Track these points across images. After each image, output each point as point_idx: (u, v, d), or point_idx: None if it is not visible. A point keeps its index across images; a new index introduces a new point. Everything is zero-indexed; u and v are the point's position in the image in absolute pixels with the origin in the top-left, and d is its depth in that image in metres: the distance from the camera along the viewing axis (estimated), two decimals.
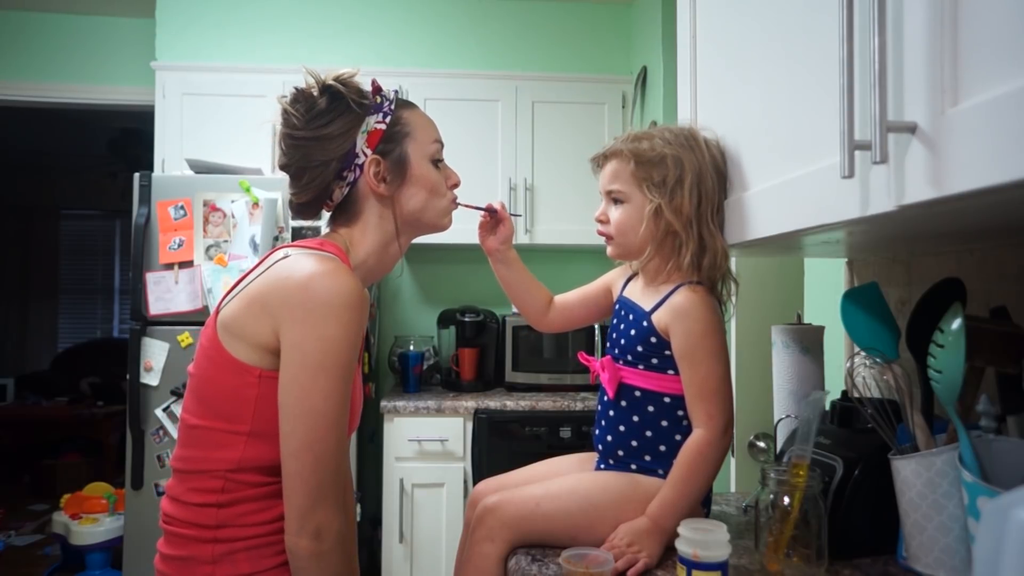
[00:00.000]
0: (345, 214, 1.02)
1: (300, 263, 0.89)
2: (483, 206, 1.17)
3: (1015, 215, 0.66)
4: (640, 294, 1.07)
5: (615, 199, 1.04)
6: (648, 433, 1.01)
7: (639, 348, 1.02)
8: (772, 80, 0.87)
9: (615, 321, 1.10)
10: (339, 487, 0.88)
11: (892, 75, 0.59)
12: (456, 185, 1.07)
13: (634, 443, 1.02)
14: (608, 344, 1.10)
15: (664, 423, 1.01)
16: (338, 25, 3.06)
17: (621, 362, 1.05)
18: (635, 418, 1.02)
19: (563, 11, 3.20)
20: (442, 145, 1.06)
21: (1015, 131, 0.47)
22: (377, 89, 1.02)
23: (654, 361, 1.01)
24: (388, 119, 1.00)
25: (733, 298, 1.06)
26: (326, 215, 1.07)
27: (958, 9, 0.54)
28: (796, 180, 0.78)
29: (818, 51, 0.75)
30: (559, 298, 1.23)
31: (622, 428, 1.04)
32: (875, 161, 0.58)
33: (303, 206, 1.03)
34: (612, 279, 1.19)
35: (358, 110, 0.98)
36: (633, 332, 1.03)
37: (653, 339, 1.01)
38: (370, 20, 3.08)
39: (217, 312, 0.94)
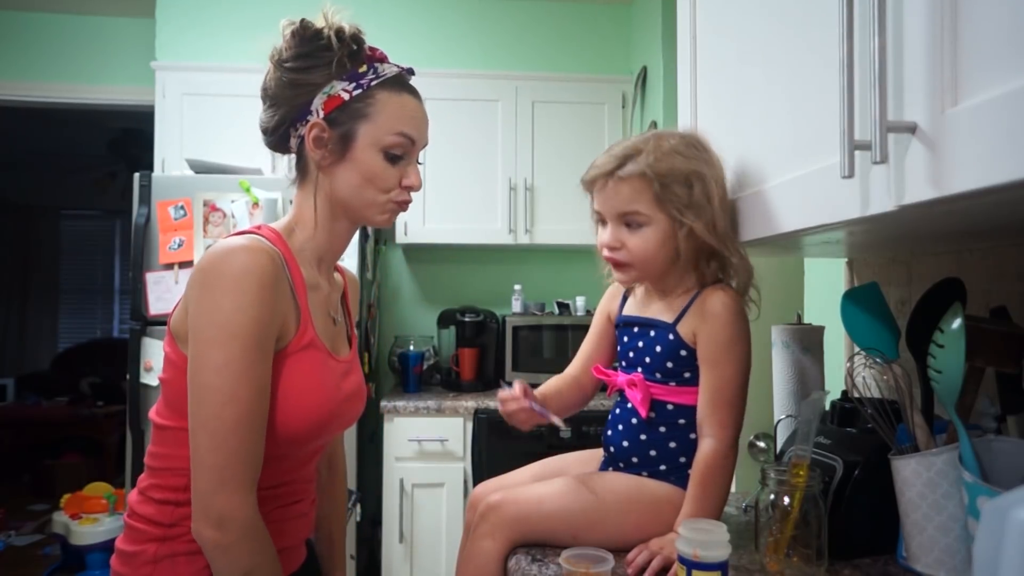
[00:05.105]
0: (299, 169, 0.99)
1: (216, 246, 0.87)
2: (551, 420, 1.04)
3: (1015, 215, 0.66)
4: (656, 309, 1.02)
5: (630, 223, 0.97)
6: (672, 444, 0.99)
7: (669, 364, 0.99)
8: (772, 80, 0.87)
9: (626, 339, 1.06)
10: (246, 472, 0.83)
11: (892, 75, 0.60)
12: (410, 188, 0.96)
13: (653, 452, 1.00)
14: (624, 363, 1.07)
15: (693, 436, 0.98)
16: None
17: (650, 380, 1.01)
18: (662, 429, 1.00)
19: (563, 11, 3.20)
20: (412, 141, 0.95)
21: (1015, 131, 0.47)
22: (371, 58, 0.96)
23: (687, 375, 0.99)
24: (357, 92, 0.93)
25: (757, 301, 1.02)
26: None
27: (958, 9, 0.54)
28: (796, 180, 0.78)
29: (818, 51, 0.75)
30: (576, 369, 1.16)
31: (644, 437, 1.01)
32: (875, 161, 0.58)
33: (264, 134, 1.00)
34: (608, 308, 1.14)
35: (335, 69, 0.93)
36: (659, 348, 1.00)
37: (683, 352, 0.98)
38: (369, 20, 3.05)
39: (171, 314, 0.94)
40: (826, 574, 0.86)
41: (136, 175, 2.40)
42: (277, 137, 0.99)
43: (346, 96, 0.93)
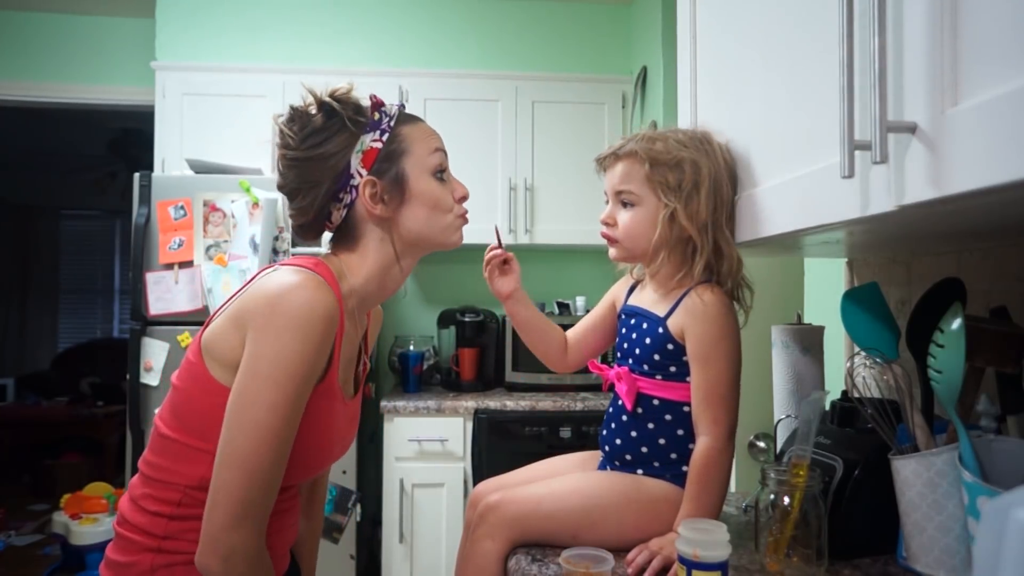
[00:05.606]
0: (345, 238, 0.98)
1: (279, 276, 0.87)
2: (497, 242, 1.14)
3: (1015, 215, 0.66)
4: (651, 301, 1.04)
5: (624, 201, 1.02)
6: (661, 441, 1.00)
7: (656, 357, 1.00)
8: (772, 80, 0.87)
9: (624, 331, 1.08)
10: (264, 512, 0.84)
11: (892, 75, 0.60)
12: (464, 198, 1.01)
13: (644, 449, 1.01)
14: (619, 354, 1.08)
15: (680, 432, 0.99)
16: (338, 25, 3.05)
17: (637, 372, 1.03)
18: (650, 425, 1.01)
19: (563, 11, 3.20)
20: (445, 154, 1.00)
21: (1014, 131, 0.47)
22: (377, 105, 0.98)
23: (672, 369, 1.00)
24: (386, 137, 0.96)
25: (748, 302, 1.03)
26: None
27: (958, 9, 0.54)
28: (796, 180, 0.78)
29: (818, 51, 0.75)
30: (571, 334, 1.20)
31: (634, 434, 1.02)
32: (875, 161, 0.58)
33: (302, 228, 1.00)
34: (615, 294, 1.17)
35: (353, 128, 0.94)
36: (648, 340, 1.01)
37: (670, 346, 0.99)
38: (370, 20, 3.08)
39: (205, 327, 0.93)
40: (826, 574, 0.86)
41: (136, 175, 2.40)
42: (320, 222, 0.99)
43: (379, 145, 0.95)
